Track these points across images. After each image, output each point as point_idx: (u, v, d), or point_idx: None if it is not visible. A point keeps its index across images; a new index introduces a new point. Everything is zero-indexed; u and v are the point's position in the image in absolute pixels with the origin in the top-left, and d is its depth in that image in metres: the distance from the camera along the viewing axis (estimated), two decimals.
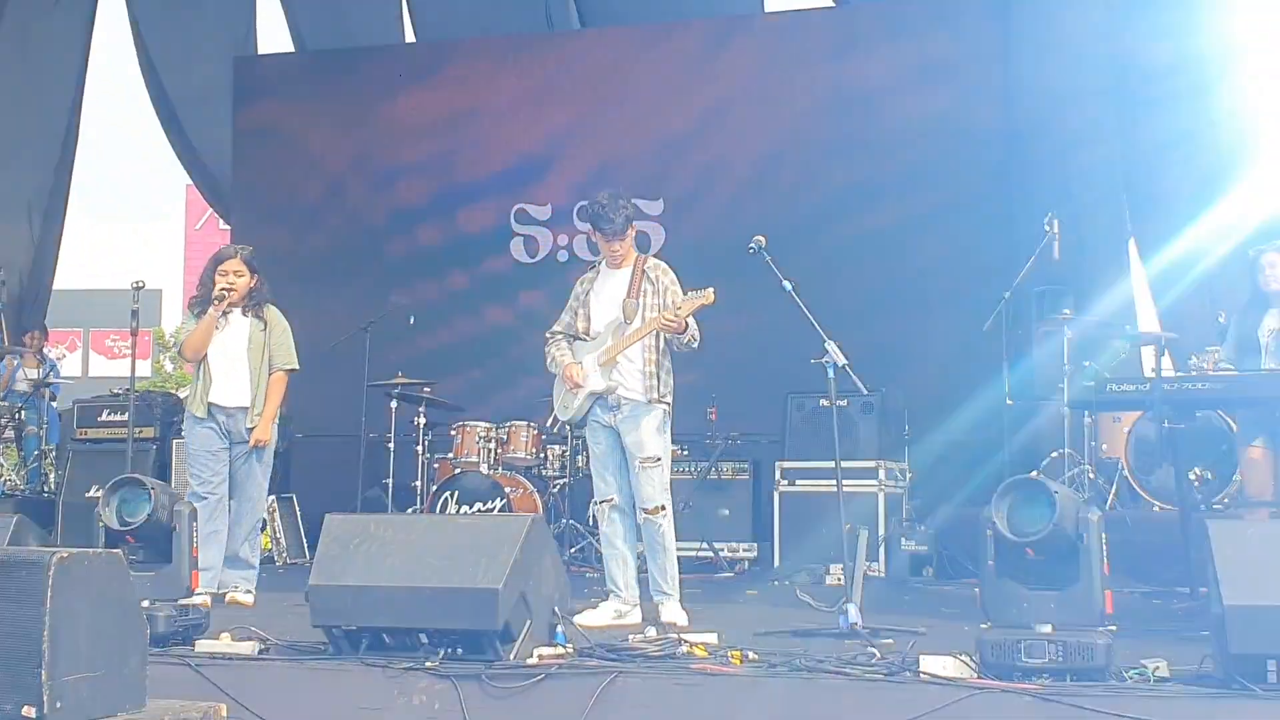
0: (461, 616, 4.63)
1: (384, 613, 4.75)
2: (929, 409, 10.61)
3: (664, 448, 6.36)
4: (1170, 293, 10.51)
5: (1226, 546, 4.23)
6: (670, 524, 6.35)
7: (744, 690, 4.39)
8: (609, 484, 6.38)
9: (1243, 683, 4.10)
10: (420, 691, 4.58)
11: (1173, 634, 5.82)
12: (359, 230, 13.02)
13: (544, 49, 12.89)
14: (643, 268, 6.45)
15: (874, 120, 11.67)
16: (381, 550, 4.86)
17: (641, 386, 6.31)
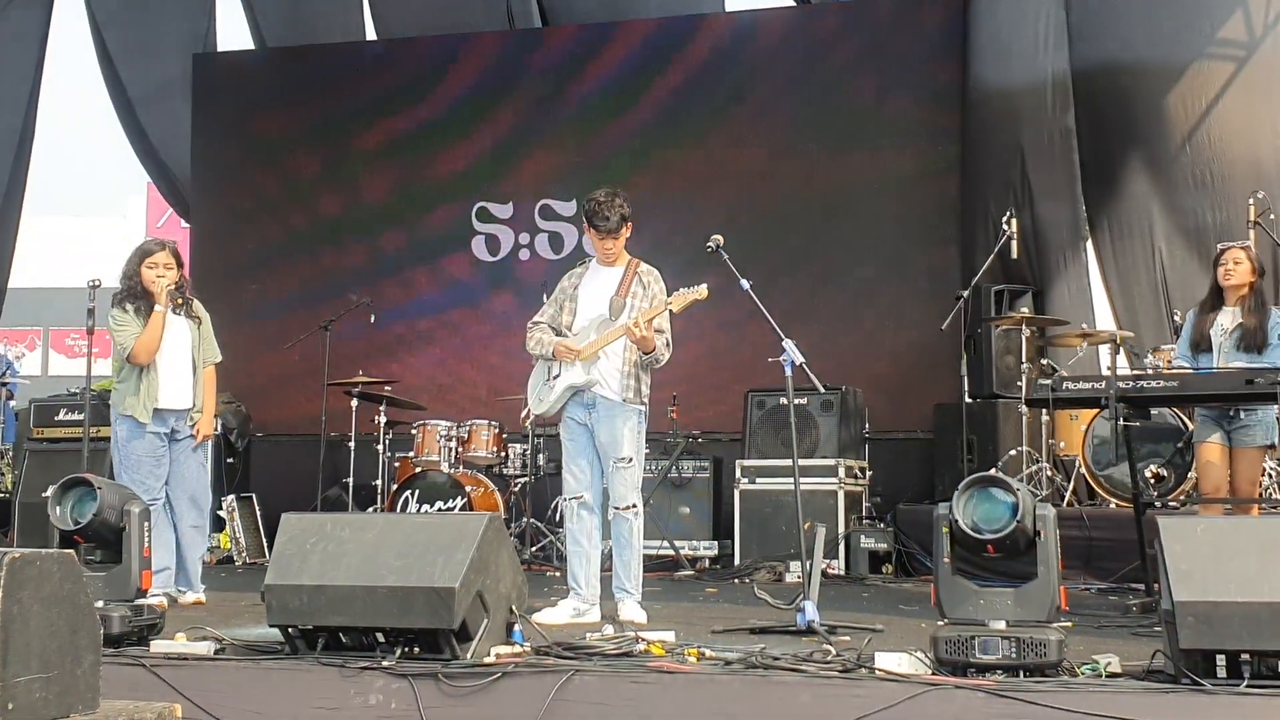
0: (418, 615, 4.61)
1: (340, 612, 4.73)
2: (888, 407, 10.69)
3: (637, 448, 6.37)
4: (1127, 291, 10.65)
5: (1176, 543, 4.26)
6: (640, 522, 6.37)
7: (700, 687, 4.39)
8: (579, 481, 6.38)
9: (1193, 678, 4.13)
10: (376, 691, 4.56)
11: (1127, 630, 5.89)
12: (319, 228, 12.97)
13: (505, 46, 12.87)
14: (636, 270, 6.46)
15: (833, 119, 11.73)
16: (338, 549, 4.84)
17: (619, 386, 6.31)
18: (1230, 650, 4.13)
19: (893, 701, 4.20)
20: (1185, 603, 4.15)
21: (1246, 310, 6.86)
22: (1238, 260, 6.94)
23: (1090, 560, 8.36)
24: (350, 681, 4.61)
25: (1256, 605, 4.11)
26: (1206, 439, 6.88)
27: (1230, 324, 6.90)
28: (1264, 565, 4.19)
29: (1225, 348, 6.85)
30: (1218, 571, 4.20)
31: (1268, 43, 10.17)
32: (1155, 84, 10.47)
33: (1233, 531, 4.47)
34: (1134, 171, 10.61)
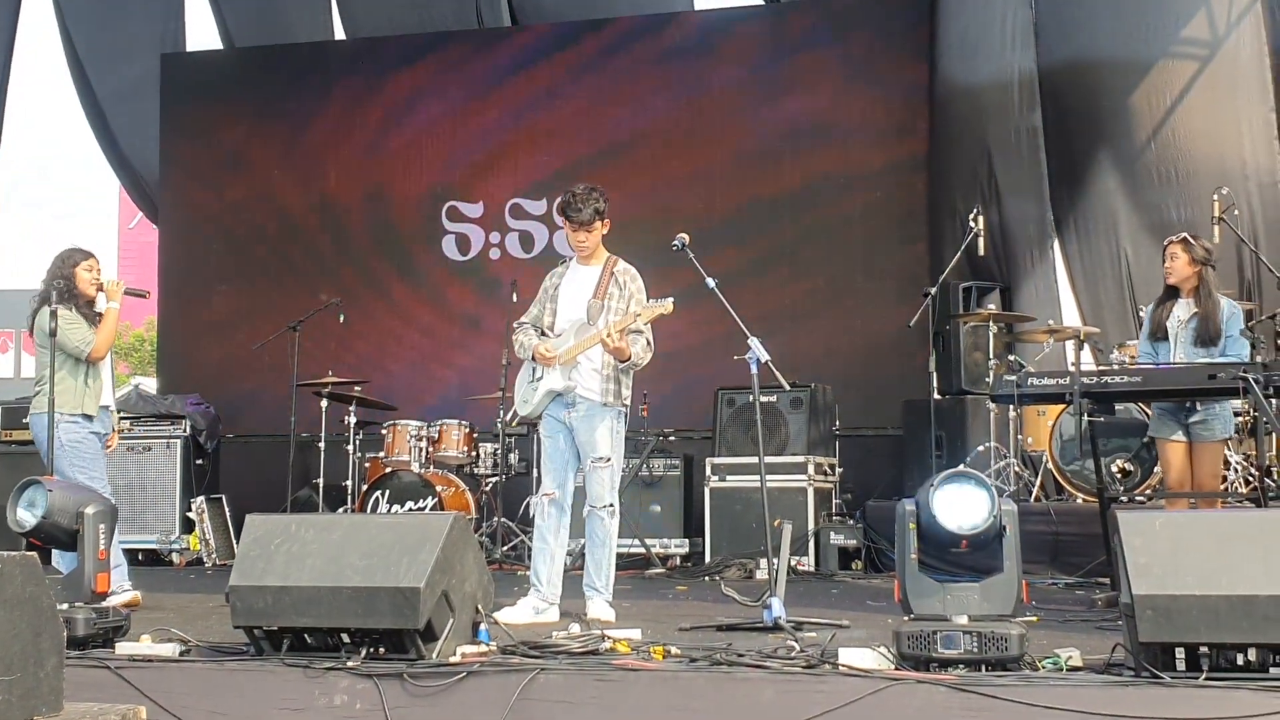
0: (383, 615, 4.61)
1: (305, 613, 4.72)
2: (858, 404, 10.74)
3: (616, 448, 6.38)
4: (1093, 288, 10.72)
5: (1135, 537, 4.29)
6: (615, 522, 6.38)
7: (665, 685, 4.40)
8: (555, 478, 6.38)
9: (1152, 671, 4.17)
10: (342, 691, 4.56)
11: (1091, 624, 5.92)
12: (289, 228, 12.95)
13: (475, 46, 12.87)
14: (613, 270, 6.45)
15: (802, 117, 11.78)
16: (303, 550, 4.83)
17: (599, 388, 6.31)
18: (1189, 643, 4.15)
19: (855, 697, 4.22)
20: (1144, 596, 4.18)
21: (1198, 302, 6.91)
22: (1174, 254, 6.99)
23: (1057, 555, 8.42)
24: (315, 682, 4.61)
25: (1215, 598, 4.14)
26: (1165, 436, 6.92)
27: (1185, 315, 6.95)
28: (1222, 558, 4.23)
29: (1182, 339, 6.91)
30: (1176, 565, 4.23)
31: (1230, 41, 10.26)
32: (1120, 82, 10.53)
33: (1191, 525, 4.50)
34: (1100, 169, 10.67)
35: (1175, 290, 7.02)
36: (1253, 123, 10.24)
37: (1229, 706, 4.01)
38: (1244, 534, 4.31)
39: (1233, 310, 6.95)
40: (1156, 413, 6.98)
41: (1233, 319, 6.89)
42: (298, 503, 10.53)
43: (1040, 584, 8.05)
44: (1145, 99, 10.43)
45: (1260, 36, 10.24)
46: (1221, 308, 6.89)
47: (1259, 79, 10.24)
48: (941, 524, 4.51)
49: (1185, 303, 6.98)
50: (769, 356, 6.17)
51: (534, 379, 6.43)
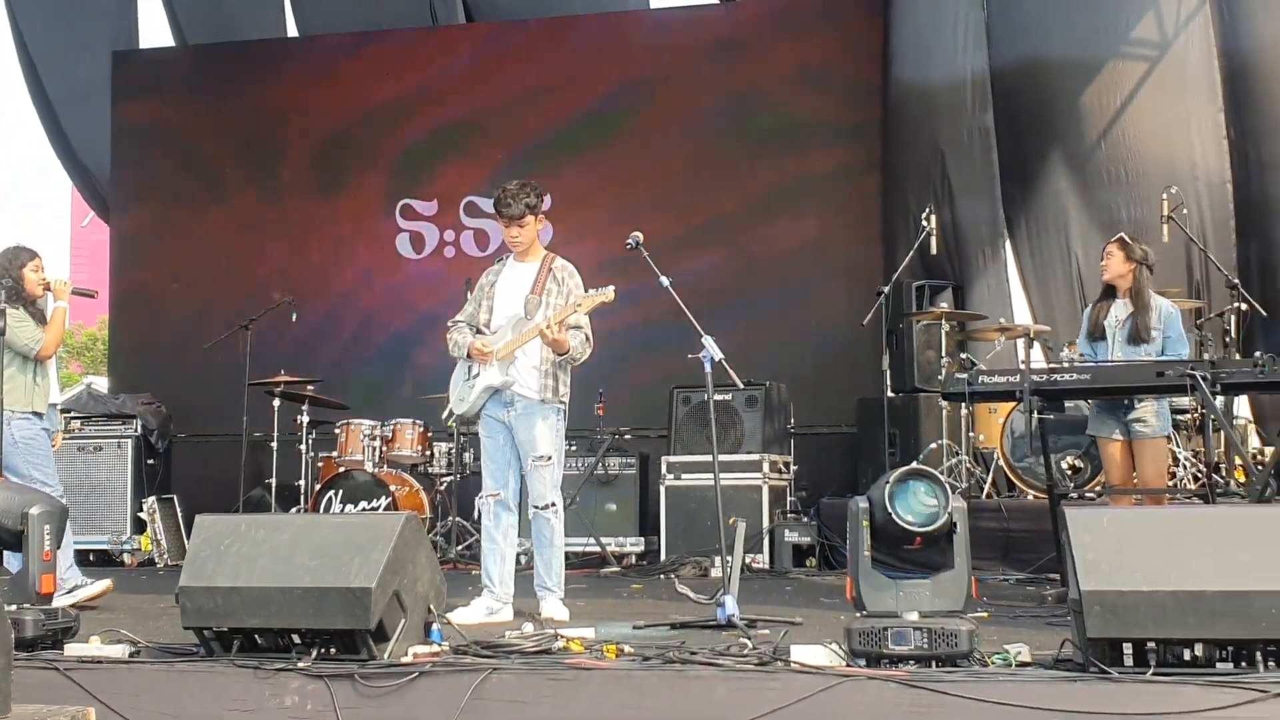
0: (334, 616, 4.58)
1: (255, 613, 4.69)
2: (812, 402, 10.78)
3: (556, 446, 6.35)
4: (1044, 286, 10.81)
5: (1083, 533, 4.33)
6: (560, 521, 6.35)
7: (616, 683, 4.40)
8: (497, 479, 6.37)
9: (1100, 666, 4.20)
10: (292, 692, 4.53)
11: (1041, 620, 5.97)
12: (241, 226, 12.86)
13: (428, 43, 12.84)
14: (550, 266, 6.42)
15: (756, 116, 11.81)
16: (253, 550, 4.80)
17: (537, 385, 6.29)
18: (1136, 639, 4.19)
19: (807, 693, 4.23)
20: (1092, 592, 4.21)
21: (1134, 302, 6.99)
22: (1110, 254, 7.08)
23: (1008, 551, 8.48)
24: (266, 683, 4.58)
25: (1162, 594, 4.18)
26: (1104, 434, 6.99)
27: (1122, 315, 7.03)
28: (1169, 554, 4.27)
29: (1118, 338, 6.98)
30: (1124, 561, 4.26)
31: (1179, 42, 10.37)
32: (1071, 83, 10.63)
33: (1139, 522, 4.54)
34: (1051, 169, 10.77)
35: (1113, 290, 7.09)
36: (1201, 123, 10.36)
37: (1176, 702, 4.04)
38: (1191, 530, 4.35)
39: (1171, 310, 7.02)
40: (1094, 411, 7.03)
41: (1171, 319, 6.96)
42: (250, 503, 10.47)
43: (991, 580, 8.11)
44: (1095, 99, 10.54)
45: (1209, 37, 10.36)
46: (1156, 308, 6.96)
47: (1207, 80, 10.35)
48: (897, 521, 4.53)
49: (1122, 302, 7.06)
50: (722, 355, 6.18)
51: (470, 377, 6.39)
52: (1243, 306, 8.50)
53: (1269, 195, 10.17)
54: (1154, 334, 6.89)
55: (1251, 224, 10.26)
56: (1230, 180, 10.30)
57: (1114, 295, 7.09)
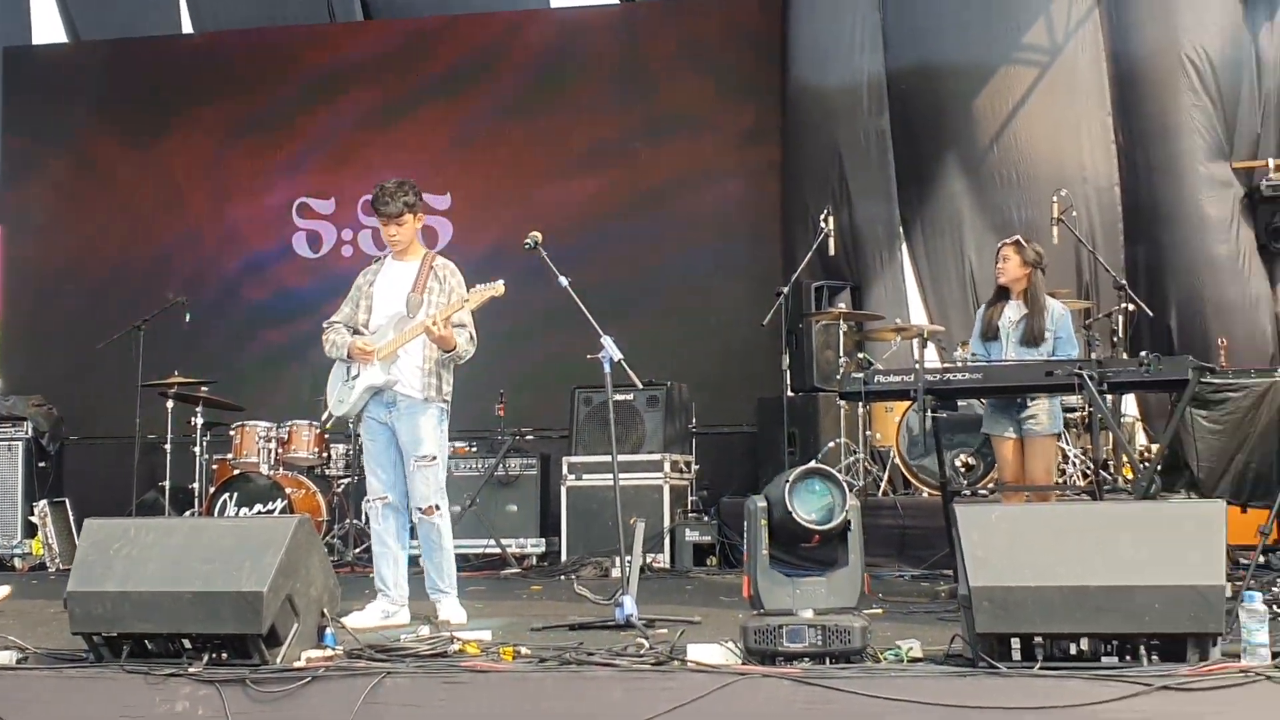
0: (225, 620, 4.54)
1: (145, 618, 4.63)
2: (714, 401, 10.83)
3: (440, 446, 6.28)
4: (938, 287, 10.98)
5: (973, 530, 4.41)
6: (446, 522, 6.28)
7: (512, 685, 4.40)
8: (382, 481, 6.29)
9: (989, 661, 4.28)
10: (183, 698, 4.47)
11: (934, 616, 6.06)
12: (134, 225, 12.62)
13: (326, 41, 12.69)
14: (431, 264, 6.35)
15: (657, 116, 11.83)
16: (142, 555, 4.73)
17: (419, 384, 6.22)
18: (1024, 633, 4.28)
19: (702, 692, 4.26)
20: (981, 588, 4.29)
21: (1027, 304, 7.11)
22: (1006, 256, 7.18)
23: (904, 548, 8.59)
24: (156, 689, 4.52)
25: (1049, 589, 4.27)
26: (998, 432, 7.10)
27: (1016, 316, 7.14)
28: (1056, 550, 4.36)
29: (1012, 339, 7.10)
30: (1012, 557, 4.35)
31: (1069, 48, 10.60)
32: (964, 87, 10.81)
33: (1026, 518, 4.65)
34: (946, 171, 10.93)
35: (1006, 291, 7.21)
36: (1091, 127, 10.59)
37: (1062, 695, 4.13)
38: (1076, 526, 4.44)
39: (1062, 312, 7.16)
40: (989, 410, 7.14)
41: (1063, 320, 7.10)
42: (143, 506, 10.28)
43: (887, 576, 8.22)
44: (988, 103, 10.73)
45: (1098, 43, 10.60)
46: (1049, 310, 7.09)
47: (1097, 84, 10.59)
48: (797, 519, 4.57)
49: (1015, 304, 7.17)
50: (621, 355, 6.20)
51: (350, 378, 6.30)
52: (1130, 307, 8.70)
53: (1156, 198, 10.43)
54: (1048, 335, 7.01)
55: (1139, 226, 10.51)
56: (1118, 183, 10.56)
57: (1007, 296, 7.20)
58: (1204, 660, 4.20)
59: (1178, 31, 10.33)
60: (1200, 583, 4.19)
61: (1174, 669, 4.16)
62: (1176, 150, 10.33)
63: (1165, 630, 4.21)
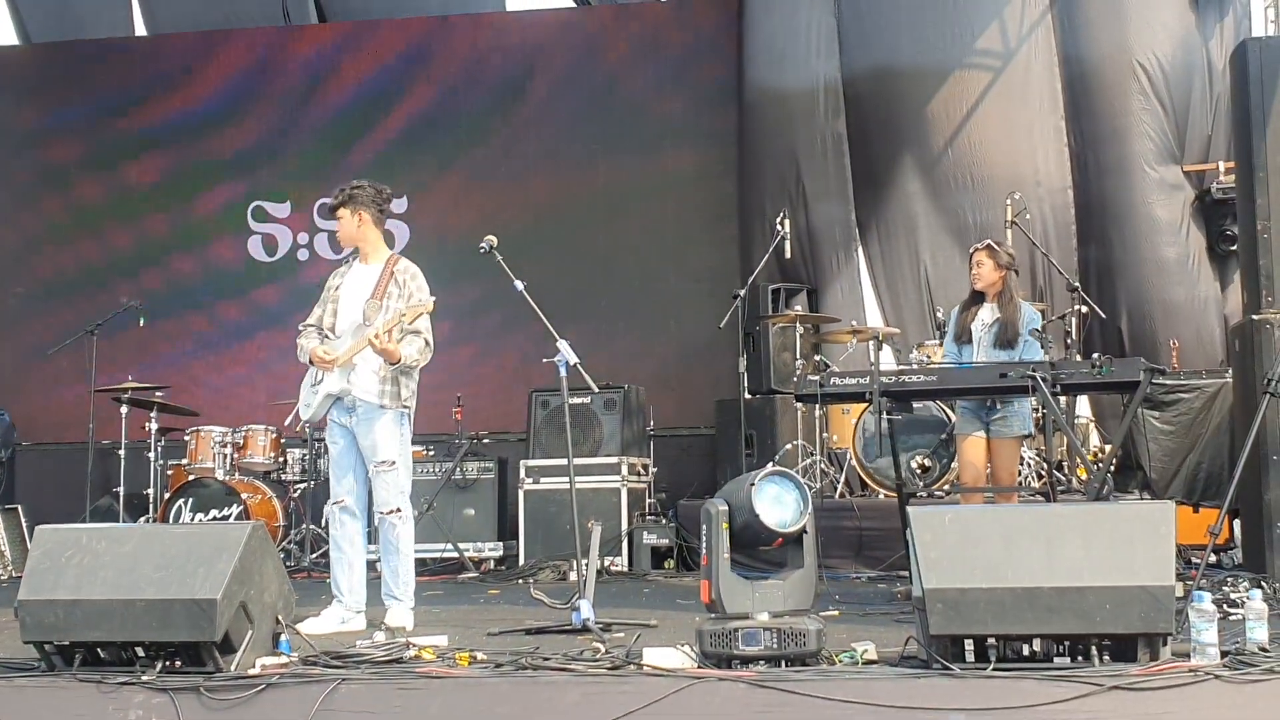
0: (179, 628, 4.50)
1: (98, 626, 4.59)
2: (672, 404, 10.85)
3: (400, 451, 6.26)
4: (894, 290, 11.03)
5: (925, 532, 4.43)
6: (407, 527, 6.26)
7: (468, 691, 4.39)
8: (342, 486, 6.29)
9: (942, 663, 4.31)
10: (136, 706, 4.44)
11: (890, 617, 6.08)
12: (87, 230, 12.51)
13: (281, 42, 12.63)
14: (393, 268, 6.32)
15: (613, 118, 11.85)
16: (94, 562, 4.69)
17: (376, 390, 6.20)
18: (977, 635, 4.31)
19: (658, 696, 4.27)
20: (934, 590, 4.32)
21: (1000, 306, 7.16)
22: (980, 261, 7.22)
23: (860, 550, 8.62)
24: (109, 697, 4.48)
25: (1001, 590, 4.30)
26: (968, 433, 7.14)
27: (990, 319, 7.18)
28: (1008, 552, 4.39)
29: (984, 342, 7.14)
30: (965, 559, 4.38)
31: (1022, 52, 10.68)
32: (919, 90, 10.87)
33: (979, 520, 4.66)
34: (901, 175, 10.99)
35: (981, 295, 7.24)
36: (1044, 131, 10.68)
37: (1015, 696, 4.16)
38: (1028, 528, 4.47)
39: (1033, 314, 7.22)
40: (961, 411, 7.19)
41: (1034, 323, 7.16)
42: (98, 512, 10.18)
43: (844, 578, 8.25)
44: (943, 107, 10.79)
45: (1051, 47, 10.69)
46: (1022, 312, 7.15)
47: (1050, 88, 10.67)
48: (763, 522, 4.58)
49: (990, 307, 7.21)
50: (578, 359, 6.19)
51: (315, 382, 6.31)
52: (1083, 309, 8.77)
53: (1106, 201, 10.52)
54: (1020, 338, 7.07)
55: (1090, 229, 10.60)
56: (1071, 185, 10.63)
57: (982, 300, 7.24)
58: (1154, 660, 4.25)
59: (1129, 36, 10.44)
60: (1150, 583, 4.24)
61: (1125, 669, 4.21)
62: (1127, 153, 10.44)
63: (1116, 631, 4.25)
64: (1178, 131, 10.43)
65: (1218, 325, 10.21)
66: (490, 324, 10.49)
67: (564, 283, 10.95)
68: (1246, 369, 7.10)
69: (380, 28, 12.55)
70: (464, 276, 9.90)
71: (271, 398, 10.80)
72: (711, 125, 11.74)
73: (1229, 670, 4.18)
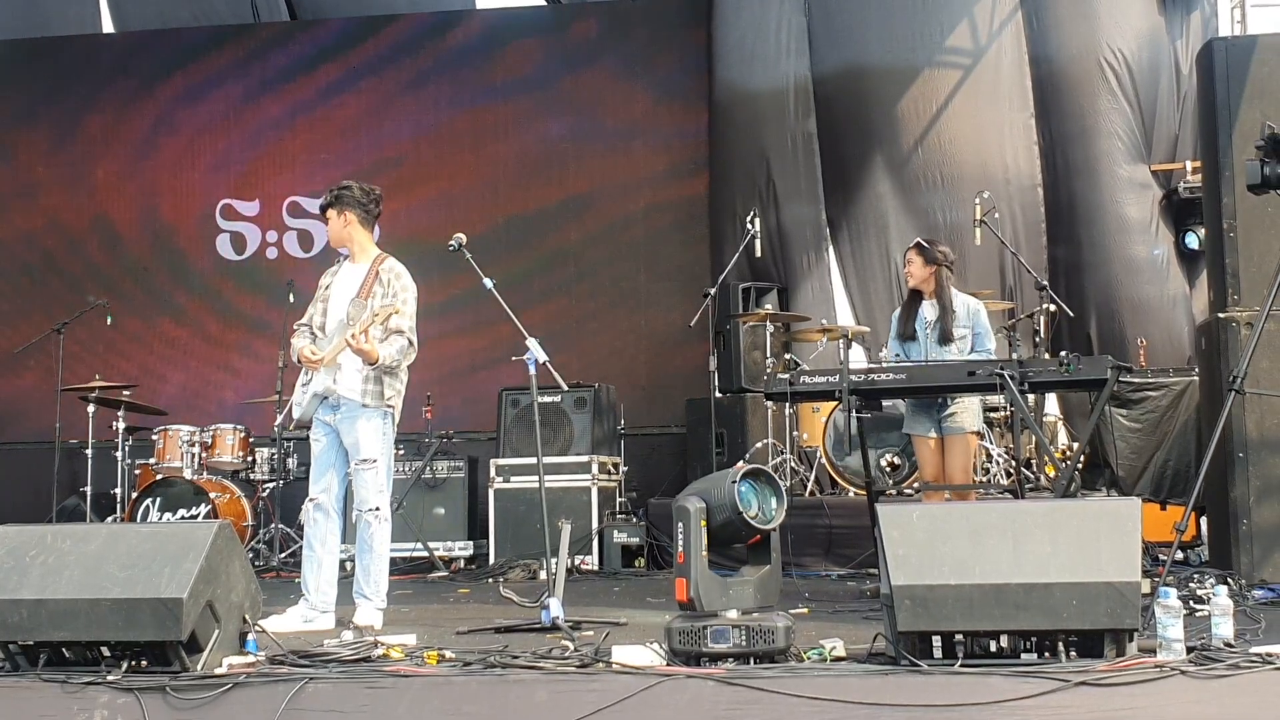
0: (144, 627, 4.47)
1: (62, 626, 4.55)
2: (642, 403, 10.86)
3: (381, 450, 6.26)
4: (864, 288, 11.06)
5: (893, 529, 4.44)
6: (383, 527, 6.26)
7: (436, 690, 4.37)
8: (319, 483, 6.29)
9: (910, 659, 4.31)
10: (101, 706, 4.40)
11: (859, 614, 6.10)
12: (54, 227, 12.42)
13: (250, 40, 12.57)
14: (379, 268, 6.34)
15: (584, 118, 11.85)
16: (59, 562, 4.65)
17: (359, 389, 6.21)
18: (945, 631, 4.32)
19: (627, 694, 4.26)
20: (902, 586, 4.32)
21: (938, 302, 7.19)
22: (910, 259, 7.30)
23: (830, 547, 8.65)
24: (74, 698, 4.44)
25: (968, 587, 4.31)
26: (919, 432, 7.17)
27: (932, 316, 7.23)
28: (975, 549, 4.40)
29: (930, 339, 7.17)
30: (932, 556, 4.39)
31: (991, 50, 10.73)
32: (889, 89, 10.90)
33: (946, 517, 4.67)
34: (871, 174, 11.01)
35: (919, 293, 7.27)
36: (1013, 129, 10.73)
37: (983, 692, 4.16)
38: (995, 525, 4.48)
39: (976, 307, 7.25)
40: (909, 410, 7.22)
41: (976, 315, 7.19)
42: (65, 511, 10.13)
43: (814, 575, 8.27)
44: (912, 106, 10.82)
45: (1020, 45, 10.73)
46: (958, 308, 7.17)
47: (1019, 86, 10.72)
48: (746, 519, 4.59)
49: (930, 304, 7.26)
50: (547, 357, 6.19)
51: (305, 382, 6.35)
52: (1051, 308, 8.82)
53: (1075, 200, 10.57)
54: (960, 333, 7.10)
55: (1059, 228, 10.66)
56: (1040, 184, 10.68)
57: (921, 298, 7.27)
58: (1121, 655, 4.26)
59: (1097, 35, 10.50)
60: (1116, 579, 4.25)
61: (1091, 664, 4.22)
62: (1095, 152, 10.50)
63: (1082, 626, 4.26)
64: (1145, 130, 10.50)
65: (1185, 324, 10.27)
66: (460, 322, 10.45)
67: (534, 281, 10.96)
68: (1213, 367, 7.16)
69: (350, 25, 12.50)
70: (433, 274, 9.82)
71: (239, 396, 10.79)
72: (682, 124, 11.74)
73: (1195, 665, 4.20)
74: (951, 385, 6.82)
